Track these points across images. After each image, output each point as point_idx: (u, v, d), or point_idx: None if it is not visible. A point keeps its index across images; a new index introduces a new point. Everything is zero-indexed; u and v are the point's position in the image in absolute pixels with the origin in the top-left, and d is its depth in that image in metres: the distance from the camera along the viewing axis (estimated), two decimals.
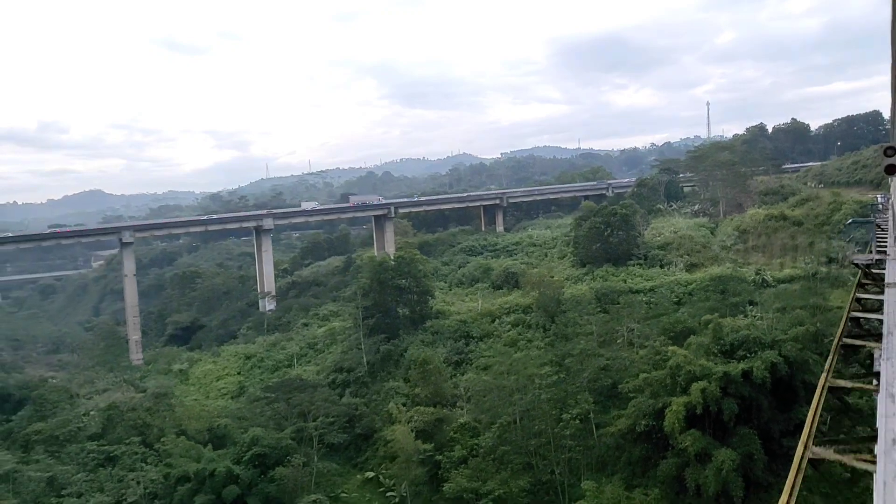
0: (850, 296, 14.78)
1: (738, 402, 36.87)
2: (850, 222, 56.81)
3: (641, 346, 47.65)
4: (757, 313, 48.97)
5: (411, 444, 44.70)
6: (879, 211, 43.05)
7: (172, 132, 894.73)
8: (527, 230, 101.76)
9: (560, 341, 53.60)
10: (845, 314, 14.02)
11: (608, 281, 65.70)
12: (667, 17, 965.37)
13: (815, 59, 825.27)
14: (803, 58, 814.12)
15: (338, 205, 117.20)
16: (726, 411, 36.27)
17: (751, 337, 40.61)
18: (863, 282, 14.63)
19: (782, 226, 71.50)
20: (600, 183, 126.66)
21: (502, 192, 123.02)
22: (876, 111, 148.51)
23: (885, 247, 16.87)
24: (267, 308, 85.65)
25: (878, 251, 16.56)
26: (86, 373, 74.61)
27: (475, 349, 59.03)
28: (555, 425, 42.62)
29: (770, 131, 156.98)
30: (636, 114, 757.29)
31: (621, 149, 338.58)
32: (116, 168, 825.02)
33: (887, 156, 9.71)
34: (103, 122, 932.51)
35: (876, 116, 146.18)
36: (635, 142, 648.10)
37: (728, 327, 42.86)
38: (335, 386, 59.58)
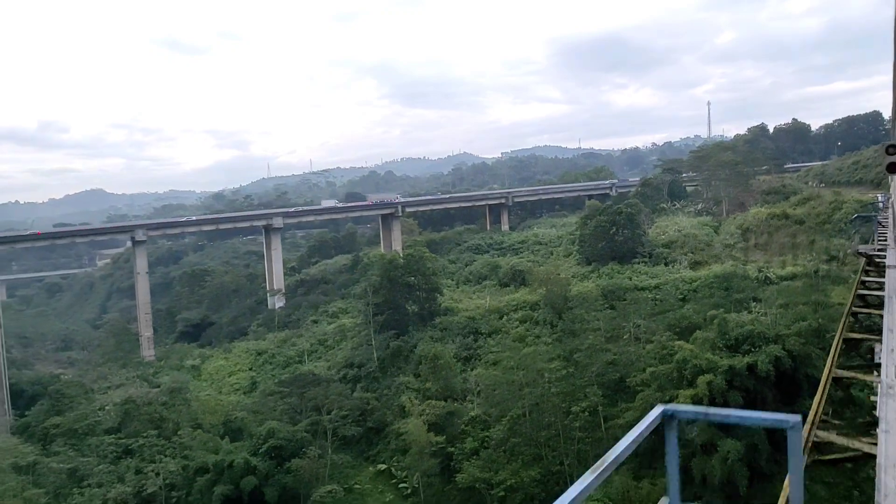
0: (850, 293, 15.99)
1: (742, 395, 38.11)
2: (855, 217, 58.48)
3: (648, 342, 48.79)
4: (760, 309, 50.14)
5: (424, 437, 45.81)
6: (880, 210, 44.33)
7: (173, 131, 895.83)
8: (532, 229, 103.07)
9: (567, 337, 54.76)
10: (847, 309, 15.02)
11: (614, 278, 66.96)
12: (667, 17, 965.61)
13: (815, 58, 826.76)
14: (803, 58, 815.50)
15: (356, 203, 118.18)
16: (732, 403, 37.44)
17: (755, 332, 41.80)
18: (866, 268, 16.31)
19: (784, 224, 72.82)
20: (604, 182, 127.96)
21: (507, 191, 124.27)
22: (876, 111, 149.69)
23: (886, 240, 18.30)
24: (276, 305, 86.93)
25: (879, 243, 18.00)
26: (99, 369, 75.81)
27: (484, 345, 60.21)
28: (564, 418, 43.76)
29: (771, 131, 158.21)
30: (636, 113, 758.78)
31: (622, 148, 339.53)
32: (116, 167, 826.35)
33: (889, 154, 9.54)
34: (104, 122, 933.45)
35: (876, 117, 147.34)
36: (635, 141, 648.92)
37: (733, 323, 44.05)
38: (346, 381, 60.72)
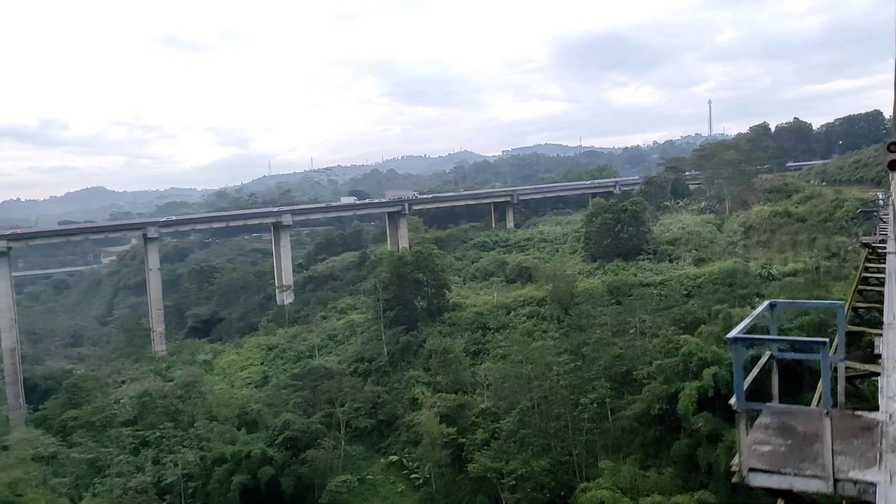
0: (851, 289, 17.28)
1: (747, 386, 39.25)
2: (860, 211, 60.05)
3: (654, 336, 49.80)
4: None
5: (436, 428, 46.96)
6: (881, 207, 45.53)
7: (173, 129, 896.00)
8: (537, 226, 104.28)
9: (574, 332, 55.86)
10: (848, 304, 15.93)
11: (619, 275, 68.17)
12: (667, 16, 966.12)
13: (815, 57, 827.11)
14: (804, 56, 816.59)
15: (373, 200, 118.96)
16: None
17: (759, 326, 42.78)
18: (868, 257, 17.79)
19: (786, 222, 74.05)
20: (607, 181, 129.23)
21: (513, 189, 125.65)
22: (877, 111, 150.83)
23: (886, 234, 19.76)
24: (285, 301, 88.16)
25: (880, 235, 19.47)
26: (112, 364, 77.11)
27: (492, 340, 61.43)
28: (572, 409, 44.79)
29: (773, 130, 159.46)
30: (636, 112, 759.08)
31: (622, 146, 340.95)
32: (117, 165, 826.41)
33: (890, 151, 9.21)
34: (104, 119, 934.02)
35: (876, 116, 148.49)
36: (636, 139, 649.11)
37: (737, 317, 45.03)
38: (357, 375, 61.91)
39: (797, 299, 50.18)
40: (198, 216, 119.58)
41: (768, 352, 7.06)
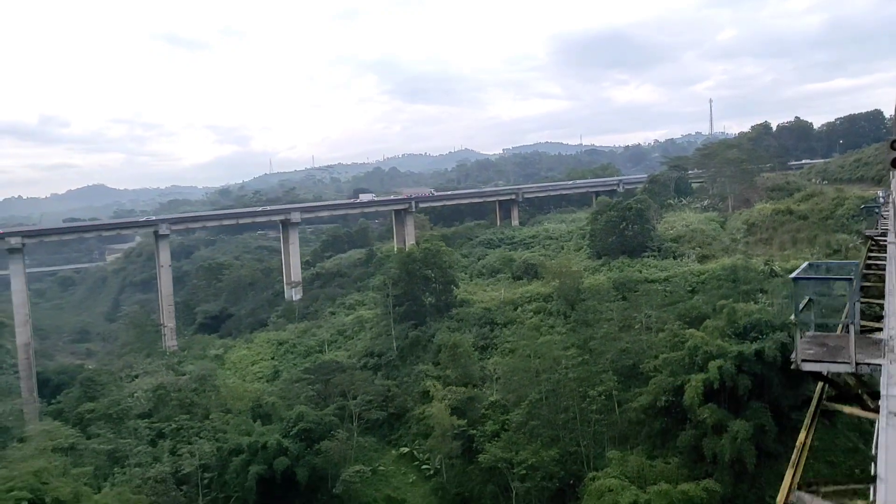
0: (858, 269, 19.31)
1: (751, 379, 40.21)
2: (863, 207, 61.40)
3: (659, 331, 50.93)
4: (767, 300, 52.48)
5: (447, 420, 48.05)
6: (881, 205, 46.70)
7: (174, 127, 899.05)
8: (542, 224, 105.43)
9: (581, 327, 57.00)
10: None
11: (624, 272, 69.35)
12: (668, 14, 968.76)
13: (815, 56, 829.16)
14: (804, 55, 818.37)
15: (389, 197, 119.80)
16: (741, 386, 39.37)
17: (762, 320, 43.97)
18: (871, 247, 19.35)
19: (788, 220, 75.15)
20: (611, 179, 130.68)
21: (517, 187, 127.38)
22: (877, 110, 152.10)
23: (887, 228, 21.22)
24: (294, 298, 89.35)
25: (881, 229, 20.93)
26: (124, 358, 78.30)
27: (499, 335, 62.56)
28: (580, 402, 45.82)
29: (774, 129, 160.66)
30: (637, 110, 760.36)
31: (623, 145, 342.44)
32: (117, 162, 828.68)
33: (893, 149, 9.81)
34: (104, 117, 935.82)
35: (877, 115, 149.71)
36: (636, 138, 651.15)
37: (741, 312, 46.23)
38: (367, 369, 63.06)
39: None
40: (209, 213, 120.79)
41: (807, 296, 10.51)
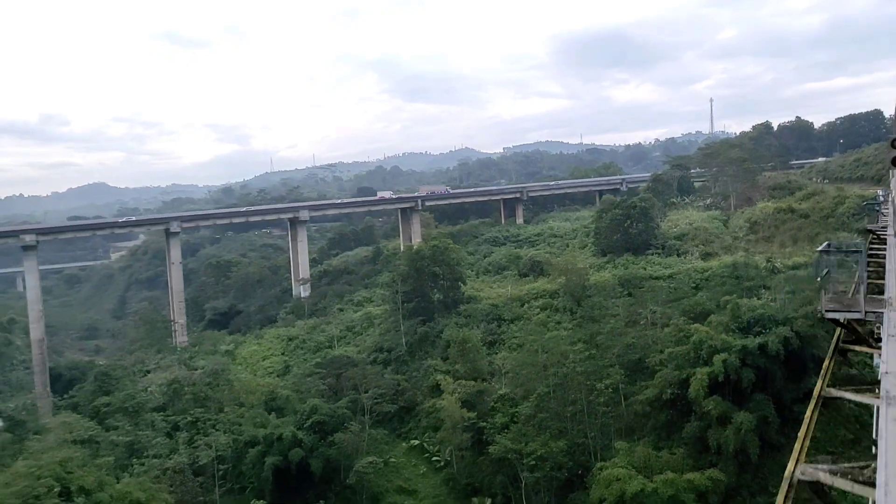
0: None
1: (754, 372, 41.29)
2: (864, 204, 62.70)
3: (665, 326, 52.04)
4: (769, 296, 53.64)
5: (457, 413, 49.22)
6: (881, 203, 47.96)
7: (174, 125, 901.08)
8: (547, 222, 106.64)
9: (587, 323, 58.13)
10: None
11: (629, 269, 70.60)
12: (668, 13, 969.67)
13: (816, 55, 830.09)
14: (804, 54, 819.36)
15: (407, 194, 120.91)
16: (745, 379, 40.39)
17: (765, 315, 44.97)
18: (872, 241, 20.60)
19: (790, 218, 76.40)
20: (614, 178, 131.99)
21: (522, 186, 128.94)
22: (877, 110, 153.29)
23: (887, 223, 22.57)
24: (302, 294, 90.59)
25: (882, 224, 22.42)
26: (135, 354, 79.49)
27: (507, 330, 63.77)
28: (588, 395, 46.94)
29: (775, 129, 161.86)
30: (637, 109, 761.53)
31: (623, 144, 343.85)
32: (117, 161, 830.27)
33: (894, 147, 10.48)
34: (105, 115, 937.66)
35: (877, 115, 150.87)
36: (636, 137, 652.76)
37: (745, 307, 47.37)
38: (376, 364, 64.27)
39: (803, 288, 52.73)
40: (219, 211, 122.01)
41: (826, 268, 14.14)
